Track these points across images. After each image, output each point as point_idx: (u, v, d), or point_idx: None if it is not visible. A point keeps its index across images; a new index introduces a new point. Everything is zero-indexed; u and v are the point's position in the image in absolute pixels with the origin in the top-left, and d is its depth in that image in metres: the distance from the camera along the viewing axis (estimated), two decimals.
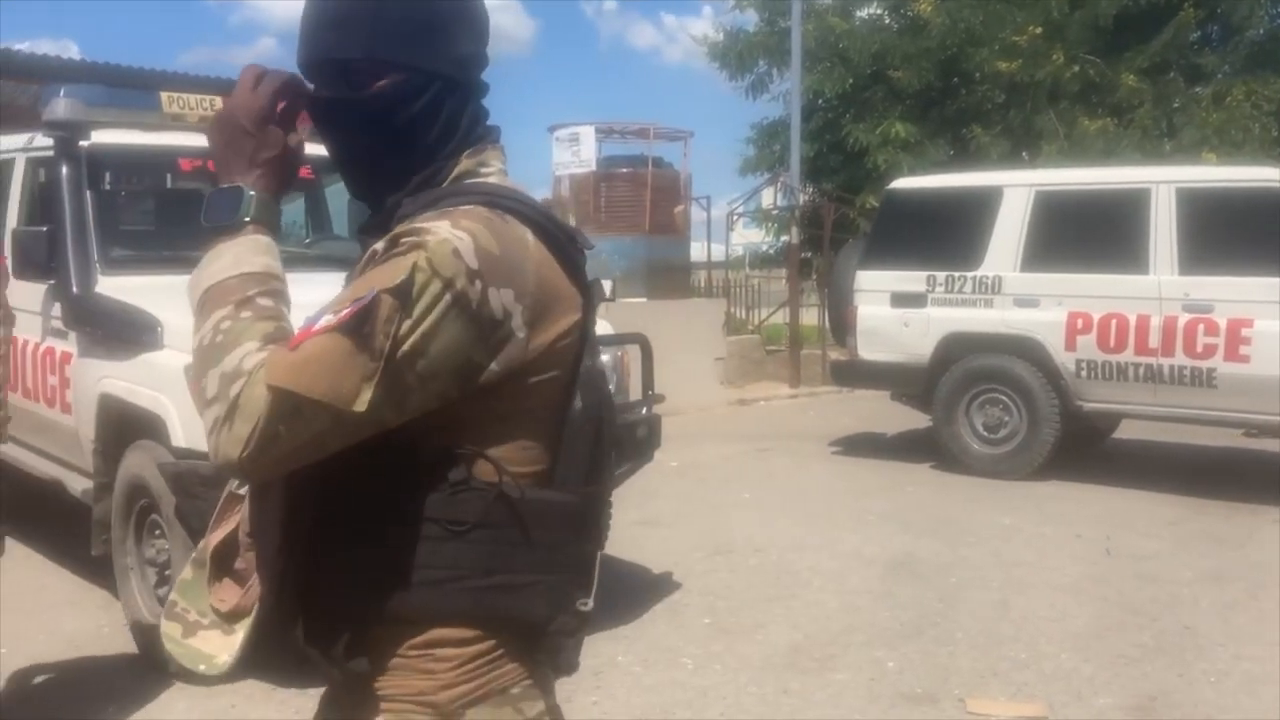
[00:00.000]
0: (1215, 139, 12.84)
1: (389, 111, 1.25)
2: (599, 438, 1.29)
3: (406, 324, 1.11)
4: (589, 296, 1.29)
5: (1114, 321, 7.10)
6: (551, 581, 1.23)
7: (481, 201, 1.22)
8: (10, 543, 3.44)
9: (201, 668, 1.28)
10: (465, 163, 1.29)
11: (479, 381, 1.17)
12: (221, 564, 1.29)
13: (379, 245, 1.19)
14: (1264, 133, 12.86)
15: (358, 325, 1.09)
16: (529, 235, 1.22)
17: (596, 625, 4.44)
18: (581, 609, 1.27)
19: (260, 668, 1.29)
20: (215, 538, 1.30)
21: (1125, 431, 8.59)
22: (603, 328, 4.83)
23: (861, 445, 9.03)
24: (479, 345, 1.16)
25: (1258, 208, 6.78)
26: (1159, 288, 6.98)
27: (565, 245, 1.26)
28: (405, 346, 1.11)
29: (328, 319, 1.11)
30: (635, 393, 5.00)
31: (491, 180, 1.29)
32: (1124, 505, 6.81)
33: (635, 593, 5.02)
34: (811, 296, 14.35)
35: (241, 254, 1.19)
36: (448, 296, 1.12)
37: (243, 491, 1.29)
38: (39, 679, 3.97)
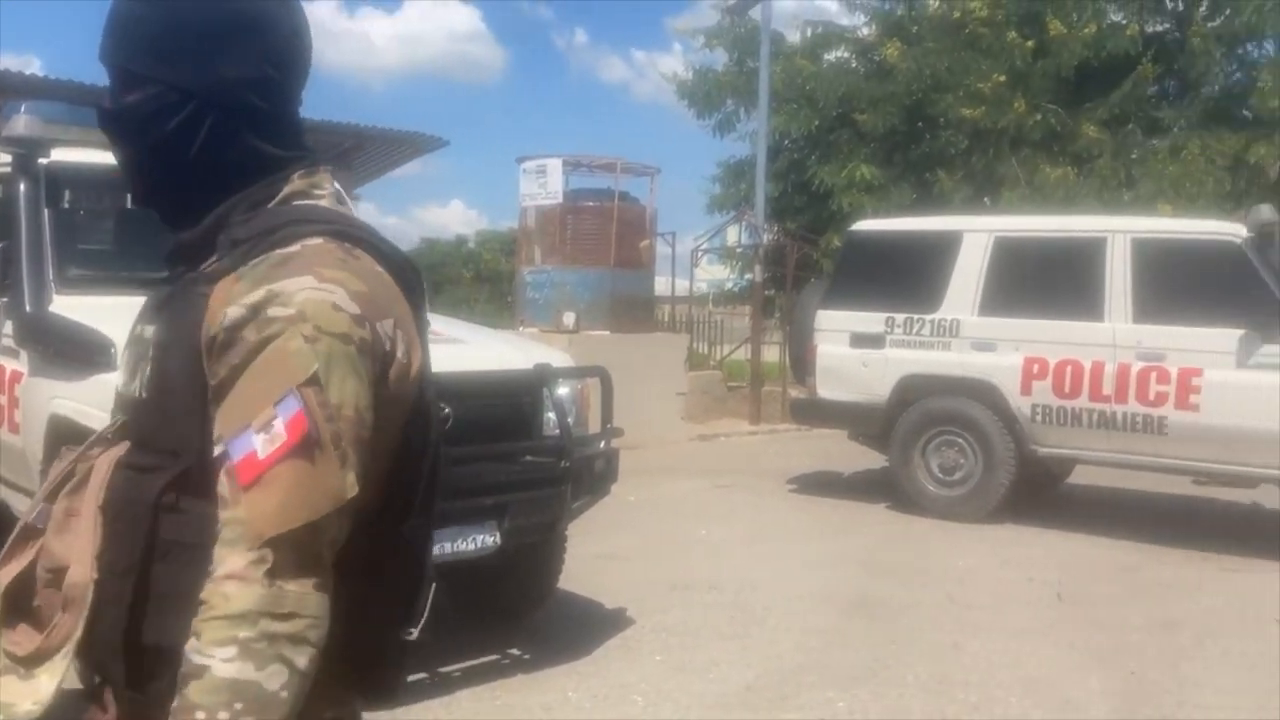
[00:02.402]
0: (1171, 191, 13.08)
1: (142, 128, 1.22)
2: (434, 472, 1.26)
3: (334, 398, 1.09)
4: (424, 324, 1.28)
5: (1069, 367, 7.20)
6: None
7: (326, 232, 1.18)
8: None
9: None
10: (297, 183, 1.25)
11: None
12: (15, 605, 1.21)
13: (212, 290, 1.15)
14: (1217, 187, 13.12)
15: (308, 444, 1.07)
16: (377, 265, 1.20)
17: (549, 660, 4.45)
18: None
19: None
20: (4, 576, 1.22)
21: (1080, 477, 8.69)
22: (563, 359, 4.84)
23: (819, 484, 9.06)
24: (384, 383, 1.15)
25: (1210, 260, 6.93)
26: (1113, 335, 7.09)
27: (409, 273, 1.25)
28: (350, 413, 1.10)
29: (261, 440, 1.07)
30: (594, 426, 4.98)
31: (323, 205, 1.25)
32: (1078, 550, 6.87)
33: (589, 628, 4.99)
34: (774, 334, 14.44)
35: None
36: (351, 349, 1.11)
37: (41, 525, 1.23)
38: None
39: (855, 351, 8.01)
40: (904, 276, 7.96)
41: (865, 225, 8.89)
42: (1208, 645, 5.04)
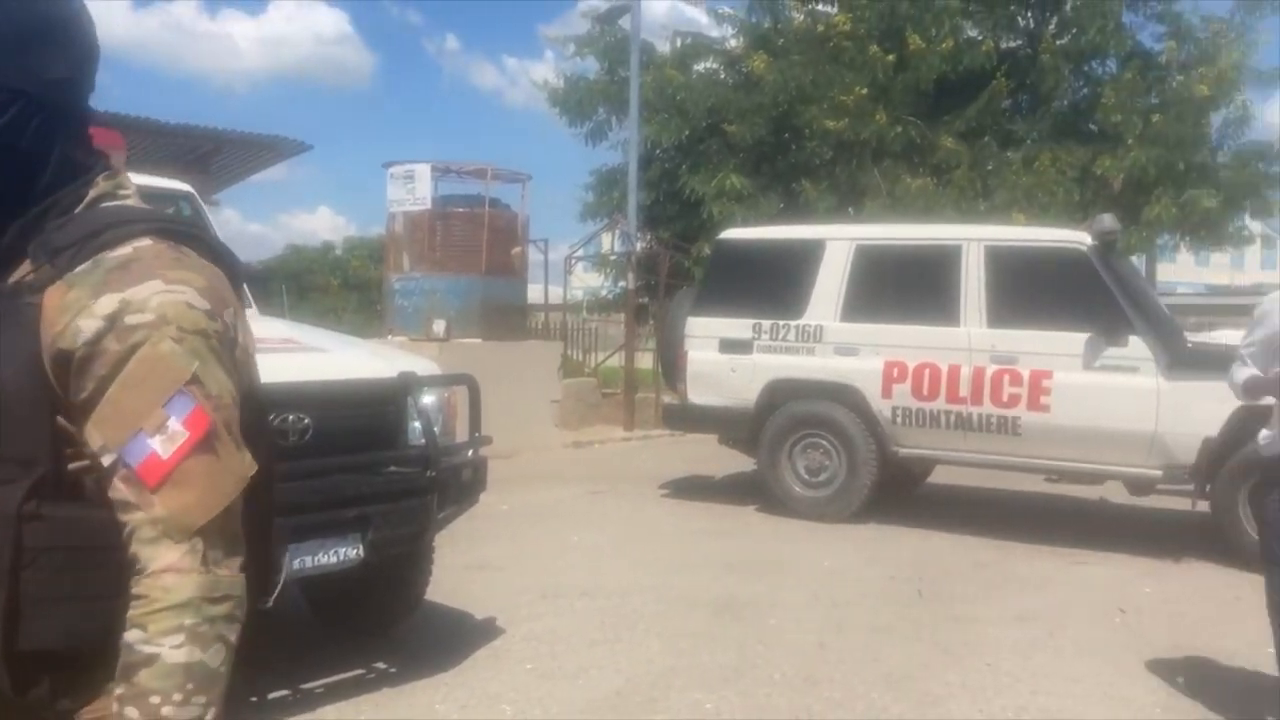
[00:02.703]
0: (1025, 201, 13.65)
1: None
2: (270, 445, 1.38)
3: (213, 390, 1.17)
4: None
5: (927, 371, 7.43)
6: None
7: (150, 230, 1.22)
8: None
9: None
10: (102, 185, 1.27)
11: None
12: None
13: (41, 299, 1.16)
14: (1067, 196, 13.75)
15: (210, 436, 1.16)
16: (203, 258, 1.25)
17: (415, 672, 4.39)
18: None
19: None
20: None
21: (940, 476, 8.98)
22: (429, 368, 4.78)
23: (691, 488, 9.16)
24: (235, 367, 1.23)
25: (1058, 267, 7.24)
26: (969, 339, 7.35)
27: (230, 260, 1.30)
28: (227, 400, 1.19)
29: (159, 441, 1.13)
30: (462, 435, 4.93)
31: (129, 204, 1.28)
32: (937, 548, 7.09)
33: (458, 638, 4.93)
34: (649, 341, 14.55)
35: None
36: (213, 342, 1.19)
37: None
38: None
39: (724, 357, 8.13)
40: (770, 283, 8.10)
41: (732, 234, 9.03)
42: (1058, 636, 5.26)
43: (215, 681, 1.12)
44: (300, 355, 4.21)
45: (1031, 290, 7.28)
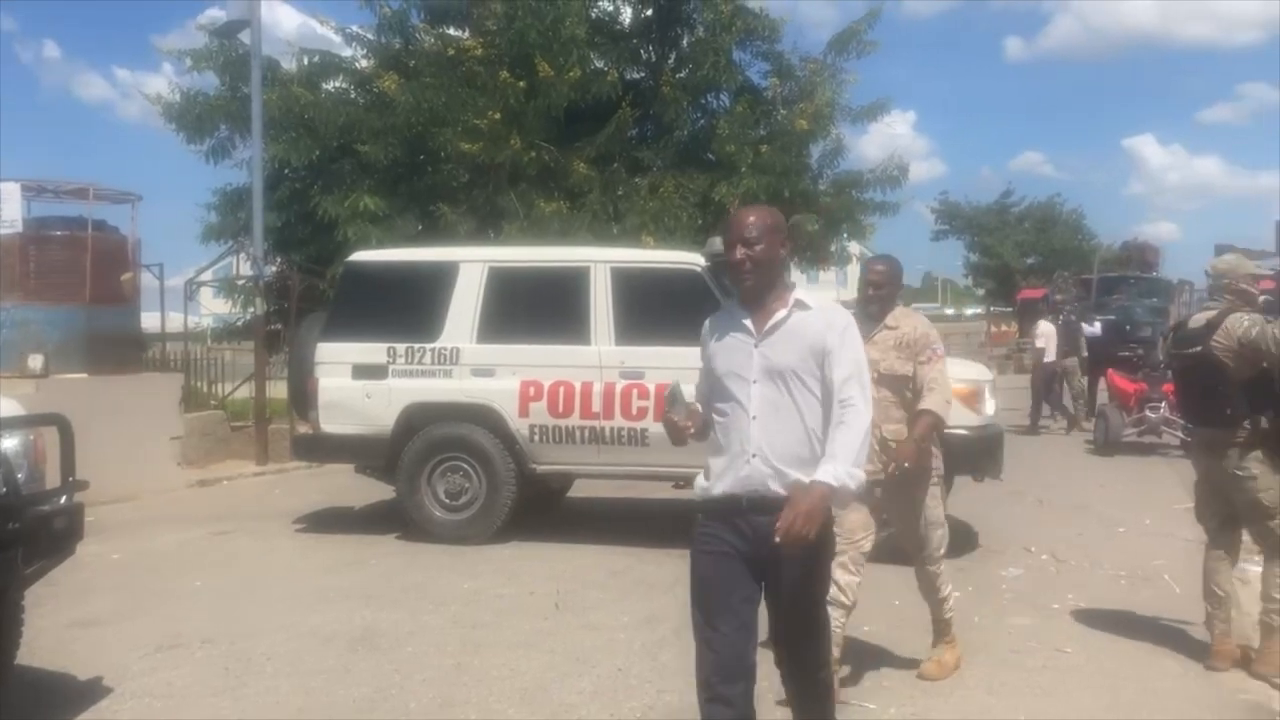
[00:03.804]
0: (653, 224, 14.32)
1: None
2: None
3: None
4: None
5: (562, 389, 7.63)
6: None
7: None
8: None
9: None
10: None
11: None
12: None
13: None
14: (690, 220, 14.57)
15: None
16: None
17: None
18: None
19: None
20: None
21: (579, 490, 9.22)
22: (11, 408, 4.33)
23: (329, 521, 8.84)
24: None
25: (676, 286, 7.67)
26: (599, 357, 7.62)
27: None
28: None
29: None
30: (54, 480, 4.47)
31: None
32: (575, 560, 7.27)
33: (56, 705, 4.47)
34: (282, 369, 13.90)
35: None
36: None
37: None
38: None
39: (357, 383, 7.92)
40: (404, 306, 8.00)
41: (362, 256, 8.84)
42: (684, 634, 5.49)
43: None
44: None
45: (654, 308, 7.64)
